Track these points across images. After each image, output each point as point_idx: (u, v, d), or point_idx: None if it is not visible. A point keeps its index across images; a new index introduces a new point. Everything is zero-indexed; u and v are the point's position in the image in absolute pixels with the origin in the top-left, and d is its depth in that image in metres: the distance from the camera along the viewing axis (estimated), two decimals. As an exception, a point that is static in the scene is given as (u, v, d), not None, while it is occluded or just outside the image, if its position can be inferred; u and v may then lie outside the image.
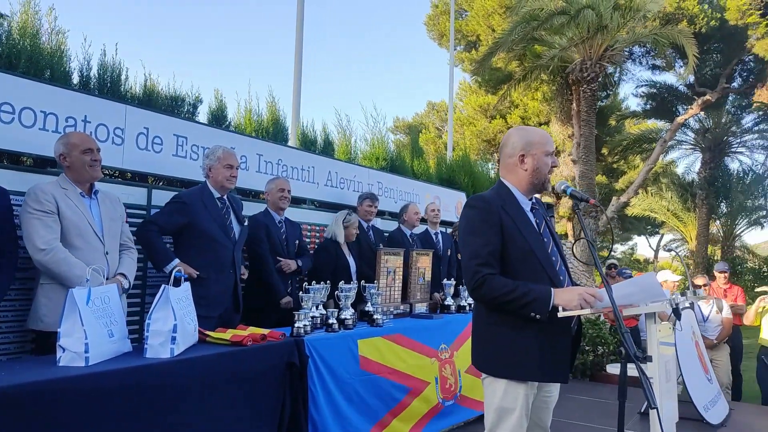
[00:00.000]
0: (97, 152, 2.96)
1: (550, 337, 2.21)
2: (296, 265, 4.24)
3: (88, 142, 2.96)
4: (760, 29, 14.66)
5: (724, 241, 18.29)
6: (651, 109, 18.72)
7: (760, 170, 18.03)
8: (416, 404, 3.82)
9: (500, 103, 16.96)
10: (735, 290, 7.04)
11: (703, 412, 4.70)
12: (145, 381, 2.35)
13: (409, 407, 3.76)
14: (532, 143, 2.34)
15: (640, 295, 2.13)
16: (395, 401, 3.66)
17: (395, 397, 3.66)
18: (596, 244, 21.39)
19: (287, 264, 4.17)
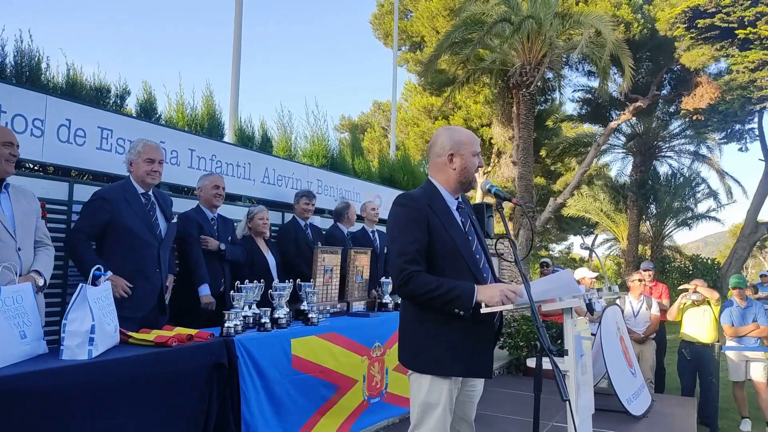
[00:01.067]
0: (16, 148, 2.80)
1: (474, 332, 2.27)
2: (217, 245, 4.06)
3: (8, 134, 2.79)
4: (686, 41, 15.53)
5: (654, 241, 19.26)
6: (586, 113, 19.48)
7: (687, 174, 19.09)
8: (343, 402, 3.83)
9: (444, 104, 17.21)
10: (660, 288, 7.41)
11: (627, 405, 4.92)
12: (60, 384, 2.24)
13: (337, 405, 3.76)
14: (461, 143, 2.39)
15: (557, 291, 2.21)
16: (323, 400, 3.65)
17: (324, 396, 3.65)
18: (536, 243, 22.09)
19: (206, 241, 4.01)
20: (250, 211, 4.50)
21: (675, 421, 5.16)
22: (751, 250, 18.16)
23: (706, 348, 6.17)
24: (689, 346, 6.29)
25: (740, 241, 16.85)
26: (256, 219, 4.47)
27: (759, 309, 6.23)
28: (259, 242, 4.50)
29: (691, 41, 15.36)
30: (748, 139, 16.79)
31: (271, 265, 4.49)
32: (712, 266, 17.44)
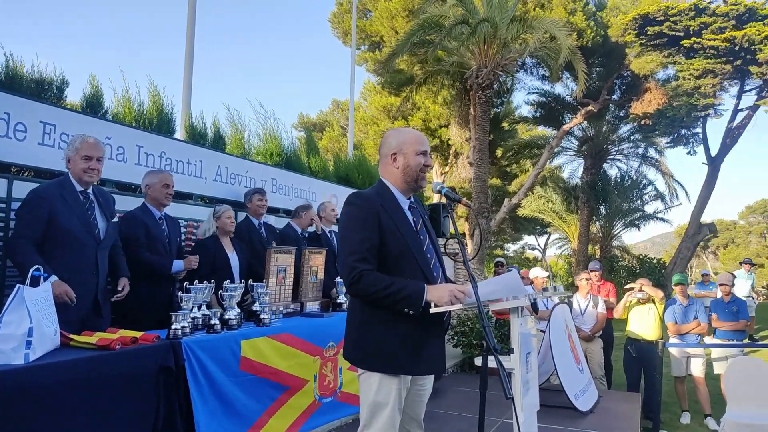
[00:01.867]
0: None
1: (424, 331, 2.30)
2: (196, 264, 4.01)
3: None
4: (636, 48, 16.09)
5: (603, 241, 19.88)
6: (540, 116, 19.94)
7: (635, 176, 19.78)
8: (293, 402, 3.80)
9: (403, 104, 17.30)
10: (608, 286, 7.66)
11: (574, 400, 5.06)
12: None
13: (286, 405, 3.73)
14: (404, 143, 2.42)
15: (504, 292, 2.26)
16: (272, 400, 3.62)
17: (273, 397, 3.62)
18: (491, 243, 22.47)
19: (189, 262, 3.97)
20: (217, 210, 4.40)
21: (620, 416, 5.33)
22: (694, 250, 18.98)
23: (650, 345, 6.40)
24: (634, 343, 6.52)
25: (684, 242, 17.59)
26: (223, 218, 4.37)
27: (700, 307, 6.51)
28: (224, 241, 4.42)
29: (640, 48, 15.92)
30: (694, 143, 17.55)
31: (234, 265, 4.41)
32: (657, 265, 18.14)
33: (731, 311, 6.58)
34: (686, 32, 14.84)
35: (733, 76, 15.15)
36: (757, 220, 49.07)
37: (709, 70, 14.75)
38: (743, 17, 14.38)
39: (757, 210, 49.35)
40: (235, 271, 4.34)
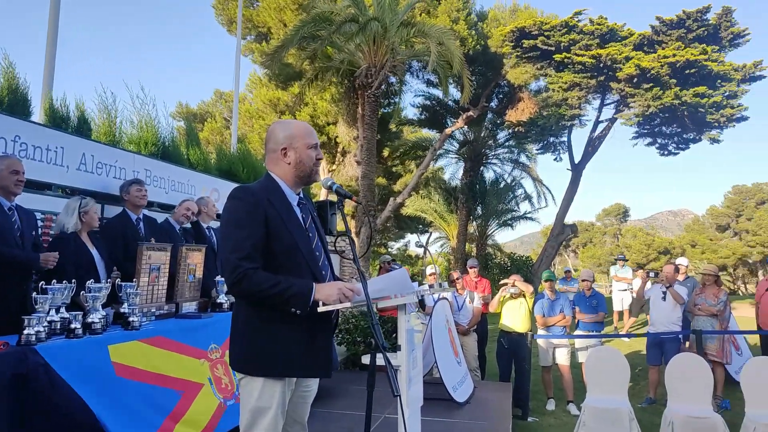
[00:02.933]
0: None
1: (311, 331, 2.22)
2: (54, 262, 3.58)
3: None
4: (512, 59, 17.13)
5: (479, 240, 21.00)
6: (425, 119, 20.60)
7: (509, 179, 21.10)
8: (197, 407, 3.57)
9: (292, 100, 17.00)
10: (484, 282, 8.06)
11: (452, 392, 5.25)
12: None
13: (190, 410, 3.50)
14: (294, 136, 2.33)
15: (392, 289, 2.25)
16: (170, 406, 3.36)
17: (169, 402, 3.37)
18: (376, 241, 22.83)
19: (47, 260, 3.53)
20: (84, 204, 3.97)
21: (493, 405, 5.63)
22: (558, 249, 20.66)
23: (521, 337, 6.83)
24: (507, 335, 6.92)
25: (550, 241, 19.07)
26: (92, 213, 3.99)
27: (565, 301, 7.06)
28: (84, 237, 3.99)
29: (516, 59, 16.98)
30: (560, 150, 19.07)
31: (98, 263, 4.02)
32: (526, 263, 19.51)
33: (592, 305, 7.21)
34: (557, 47, 16.08)
35: (596, 90, 16.65)
36: (611, 221, 54.66)
37: (576, 83, 16.10)
38: (606, 37, 15.87)
39: (612, 213, 54.99)
40: (100, 270, 3.96)
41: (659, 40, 15.51)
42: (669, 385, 5.41)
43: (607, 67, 15.45)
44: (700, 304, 6.66)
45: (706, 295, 6.73)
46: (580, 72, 15.90)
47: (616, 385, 5.64)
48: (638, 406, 6.20)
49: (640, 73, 14.76)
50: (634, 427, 5.14)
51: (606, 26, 15.90)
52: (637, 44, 15.66)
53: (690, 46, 14.77)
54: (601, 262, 47.52)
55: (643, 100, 15.19)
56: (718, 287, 6.78)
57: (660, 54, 14.72)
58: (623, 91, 15.63)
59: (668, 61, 14.39)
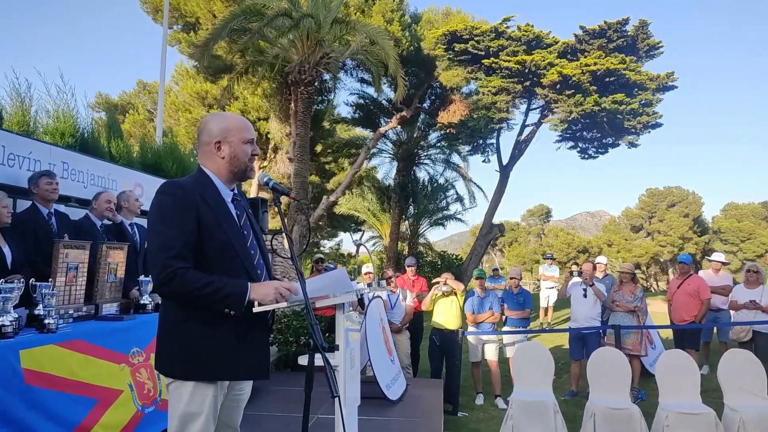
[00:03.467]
0: None
1: (246, 332, 2.15)
2: None
3: None
4: (444, 62, 17.45)
5: (411, 239, 21.26)
6: (359, 117, 20.62)
7: (441, 180, 21.48)
8: (111, 415, 3.38)
9: (221, 94, 16.49)
10: (421, 281, 8.15)
11: (386, 390, 5.27)
12: None
13: (102, 420, 3.29)
14: (230, 130, 2.24)
15: (331, 288, 2.21)
16: (82, 416, 3.16)
17: (80, 412, 3.16)
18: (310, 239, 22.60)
19: None
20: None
21: (425, 402, 5.69)
22: (487, 247, 21.25)
23: (452, 333, 6.95)
24: (438, 332, 7.03)
25: (479, 240, 19.58)
26: (0, 207, 3.68)
27: (494, 298, 7.25)
28: None
29: (448, 62, 17.31)
30: (489, 152, 19.61)
31: (8, 260, 3.70)
32: (456, 261, 19.94)
33: (519, 302, 7.45)
34: (487, 52, 16.52)
35: (522, 95, 17.25)
36: (535, 222, 56.92)
37: (504, 88, 16.61)
38: (532, 43, 16.47)
39: (536, 213, 57.27)
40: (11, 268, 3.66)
41: (582, 48, 16.28)
42: (591, 378, 5.66)
43: (533, 73, 16.05)
44: (618, 301, 7.03)
45: (623, 291, 7.11)
46: (508, 77, 16.42)
47: (542, 379, 5.85)
48: (562, 399, 6.46)
49: (563, 80, 15.43)
50: (558, 419, 5.35)
51: (532, 33, 16.51)
52: (561, 52, 16.36)
53: (610, 55, 15.59)
54: (525, 261, 49.40)
55: (566, 105, 15.89)
56: (634, 284, 7.18)
57: (582, 62, 15.45)
58: (547, 96, 16.29)
59: (589, 69, 15.13)
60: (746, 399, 5.12)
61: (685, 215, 44.71)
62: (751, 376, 5.25)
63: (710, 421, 4.85)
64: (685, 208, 45.25)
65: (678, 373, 5.39)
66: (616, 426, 5.07)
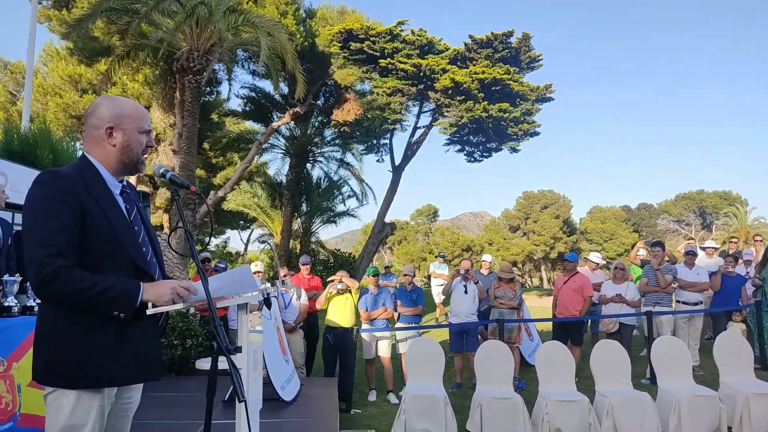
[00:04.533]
0: None
1: (135, 335, 1.99)
2: None
3: None
4: (339, 59, 17.44)
5: (303, 236, 21.03)
6: (250, 111, 20.00)
7: (334, 177, 21.45)
8: None
9: (97, 78, 15.21)
10: (316, 280, 8.07)
11: (280, 392, 5.16)
12: None
13: None
14: (124, 116, 2.05)
15: (234, 287, 2.11)
16: None
17: None
18: (194, 237, 21.59)
19: None
20: None
21: (320, 401, 5.65)
22: (379, 246, 21.58)
23: (346, 331, 6.97)
24: (332, 331, 7.01)
25: (371, 238, 19.82)
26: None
27: (387, 295, 7.38)
28: None
29: (343, 60, 17.33)
30: (383, 152, 19.92)
31: None
32: (349, 259, 20.04)
33: (412, 298, 7.64)
34: (382, 53, 16.76)
35: (416, 97, 17.72)
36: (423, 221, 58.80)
37: (399, 89, 16.95)
38: (425, 48, 16.96)
39: (424, 213, 59.17)
40: None
41: (471, 56, 17.04)
42: (478, 370, 5.94)
43: (426, 77, 16.54)
44: (500, 297, 7.45)
45: (504, 288, 7.54)
46: (402, 79, 16.78)
47: (433, 373, 6.04)
48: (450, 392, 6.72)
49: (454, 86, 16.07)
50: (448, 411, 5.55)
51: (425, 38, 17.00)
52: (452, 58, 17.02)
53: (496, 65, 16.48)
54: (414, 258, 50.88)
55: (456, 111, 16.55)
56: (513, 283, 7.65)
57: (471, 70, 16.18)
58: (439, 100, 16.87)
59: (478, 77, 15.88)
60: (614, 385, 5.64)
61: (557, 217, 48.52)
62: (618, 364, 5.80)
63: (584, 407, 5.29)
64: (557, 210, 49.10)
65: (556, 364, 5.82)
66: (501, 415, 5.36)
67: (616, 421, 5.23)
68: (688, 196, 53.93)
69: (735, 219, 44.27)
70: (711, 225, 50.93)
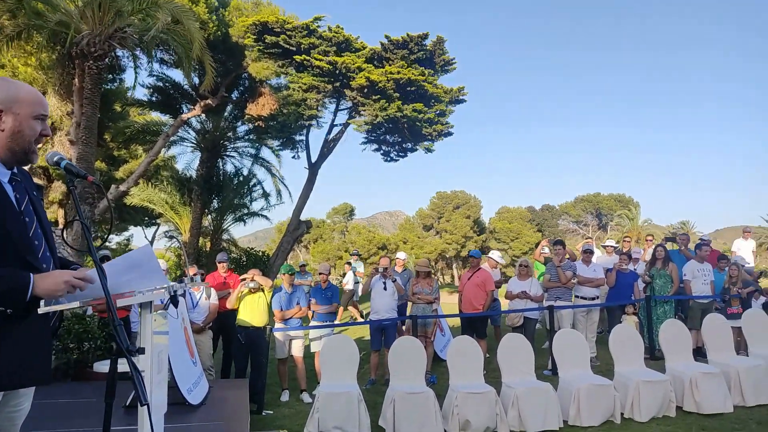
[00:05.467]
0: None
1: (24, 334, 1.82)
2: None
3: None
4: (254, 52, 16.99)
5: (214, 234, 20.29)
6: (157, 101, 19.00)
7: (248, 174, 20.85)
8: None
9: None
10: (234, 278, 7.80)
11: (187, 395, 4.94)
12: None
13: None
14: (18, 100, 1.88)
15: (136, 277, 1.98)
16: None
17: None
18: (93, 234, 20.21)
19: None
20: None
21: (230, 404, 5.48)
22: (294, 244, 21.27)
23: (258, 331, 6.81)
24: (244, 330, 6.81)
25: (286, 236, 19.49)
26: None
27: (301, 293, 7.29)
28: None
29: (258, 53, 16.89)
30: (299, 149, 19.60)
31: None
32: (263, 257, 19.60)
33: (327, 296, 7.59)
34: (298, 48, 16.52)
35: (332, 95, 17.60)
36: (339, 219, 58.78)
37: (315, 86, 16.78)
38: (342, 46, 16.90)
39: (340, 211, 59.17)
40: None
41: (387, 56, 17.19)
42: (391, 366, 6.01)
43: (343, 75, 16.50)
44: (418, 293, 7.59)
45: (420, 285, 7.69)
46: (319, 76, 16.63)
47: (347, 371, 6.05)
48: (363, 388, 6.74)
49: (370, 84, 16.14)
50: (362, 408, 5.57)
51: (342, 36, 16.95)
52: (369, 57, 17.08)
53: (411, 66, 16.73)
54: (329, 257, 50.72)
55: (372, 110, 16.64)
56: (430, 278, 7.82)
57: (387, 70, 16.33)
58: (356, 99, 16.89)
59: (394, 77, 16.06)
60: (519, 377, 5.91)
61: (468, 216, 50.18)
62: (523, 356, 6.09)
63: (491, 398, 5.50)
64: (468, 210, 50.79)
65: (466, 357, 6.00)
66: (414, 409, 5.46)
67: (521, 410, 5.48)
68: (586, 199, 57.79)
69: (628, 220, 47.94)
70: (606, 226, 54.88)
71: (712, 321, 6.87)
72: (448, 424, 5.48)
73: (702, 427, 5.44)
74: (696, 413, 5.74)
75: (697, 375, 5.85)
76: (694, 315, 8.05)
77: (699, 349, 7.31)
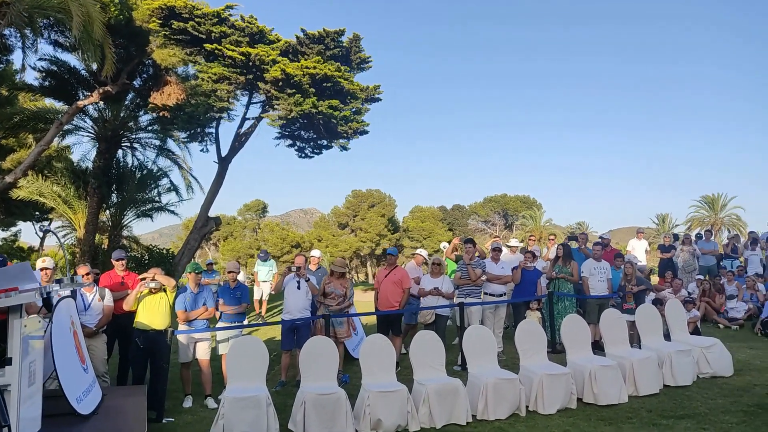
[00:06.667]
0: None
1: None
2: None
3: None
4: (159, 38, 16.04)
5: (112, 230, 18.94)
6: (50, 87, 17.45)
7: (152, 167, 19.63)
8: None
9: None
10: (132, 277, 7.25)
11: (76, 405, 4.49)
12: None
13: None
14: None
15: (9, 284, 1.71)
16: None
17: None
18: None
19: None
20: None
21: (125, 413, 5.09)
22: (201, 241, 20.34)
23: (159, 334, 6.38)
24: (143, 334, 6.35)
25: (193, 233, 18.59)
26: None
27: (208, 293, 6.92)
28: None
29: (164, 39, 15.97)
30: (208, 142, 18.74)
31: None
32: (167, 256, 18.58)
33: (236, 296, 7.27)
34: (208, 36, 15.80)
35: (245, 87, 16.98)
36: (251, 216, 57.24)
37: (226, 77, 16.11)
38: (256, 37, 16.35)
39: (252, 208, 57.65)
40: None
41: (302, 51, 16.88)
42: (303, 367, 5.84)
43: (256, 67, 15.98)
44: (330, 293, 7.45)
45: (333, 284, 7.56)
46: (230, 66, 16.00)
47: (256, 374, 5.82)
48: (273, 390, 6.52)
49: (285, 78, 15.76)
50: (270, 411, 5.37)
51: (256, 26, 16.41)
52: (284, 50, 16.67)
53: (327, 61, 16.53)
54: (240, 255, 49.29)
55: (286, 104, 16.25)
56: (345, 279, 7.71)
57: (303, 64, 16.02)
58: (269, 92, 16.42)
59: (309, 72, 15.78)
60: (430, 373, 5.95)
61: (382, 215, 50.67)
62: (435, 353, 6.14)
63: (403, 396, 5.49)
64: (383, 209, 51.28)
65: (378, 356, 5.96)
66: (325, 410, 5.33)
67: (432, 407, 5.51)
68: (494, 199, 60.19)
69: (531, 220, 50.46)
70: (512, 225, 57.45)
71: (609, 316, 7.29)
72: (359, 424, 5.40)
73: (600, 417, 5.74)
74: (594, 404, 6.05)
75: (595, 368, 6.17)
76: (592, 310, 8.53)
77: (596, 342, 7.72)
